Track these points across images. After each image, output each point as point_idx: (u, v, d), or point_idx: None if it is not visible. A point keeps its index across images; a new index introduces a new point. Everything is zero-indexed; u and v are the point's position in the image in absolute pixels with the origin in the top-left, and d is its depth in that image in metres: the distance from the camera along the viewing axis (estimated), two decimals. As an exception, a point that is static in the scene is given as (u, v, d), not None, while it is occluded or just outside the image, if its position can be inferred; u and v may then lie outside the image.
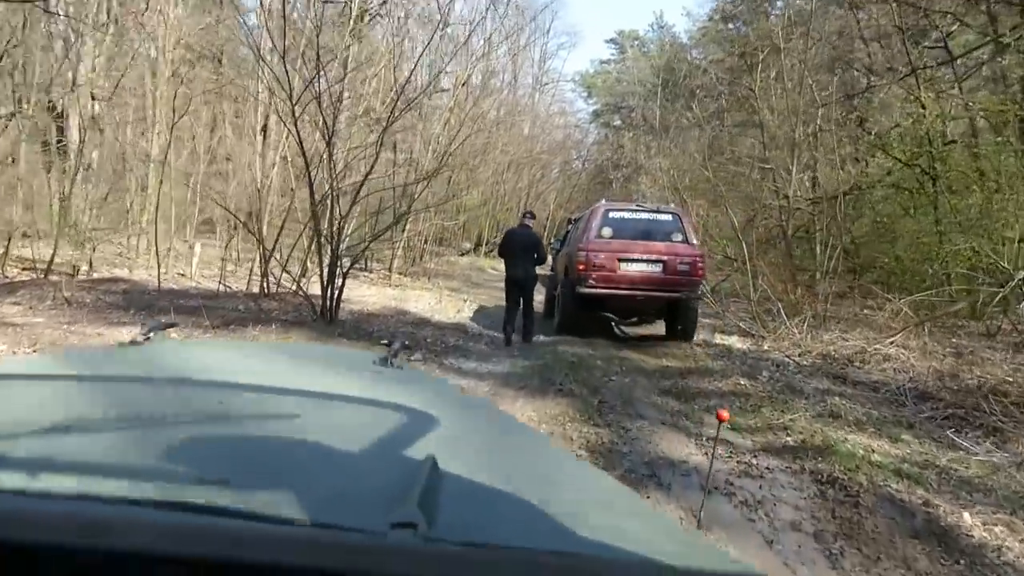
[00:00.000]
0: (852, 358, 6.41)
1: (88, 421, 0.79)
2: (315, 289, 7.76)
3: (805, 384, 5.48)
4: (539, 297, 8.55)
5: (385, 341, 1.48)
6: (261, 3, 10.59)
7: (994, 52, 8.90)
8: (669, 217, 7.65)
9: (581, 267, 7.21)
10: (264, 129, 13.37)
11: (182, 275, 11.35)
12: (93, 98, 13.07)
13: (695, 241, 7.54)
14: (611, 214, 7.62)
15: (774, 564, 2.42)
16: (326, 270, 7.46)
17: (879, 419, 4.49)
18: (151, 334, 1.32)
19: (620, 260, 7.19)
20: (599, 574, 0.54)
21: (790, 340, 7.14)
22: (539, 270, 7.31)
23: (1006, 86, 9.19)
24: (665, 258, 7.23)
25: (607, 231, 7.44)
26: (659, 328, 8.15)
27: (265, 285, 9.31)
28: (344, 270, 7.68)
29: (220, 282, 9.79)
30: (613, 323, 8.25)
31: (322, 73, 7.14)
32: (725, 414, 2.15)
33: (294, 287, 8.19)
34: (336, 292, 7.56)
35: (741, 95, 16.92)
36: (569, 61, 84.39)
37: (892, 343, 6.60)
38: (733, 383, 5.44)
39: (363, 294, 10.93)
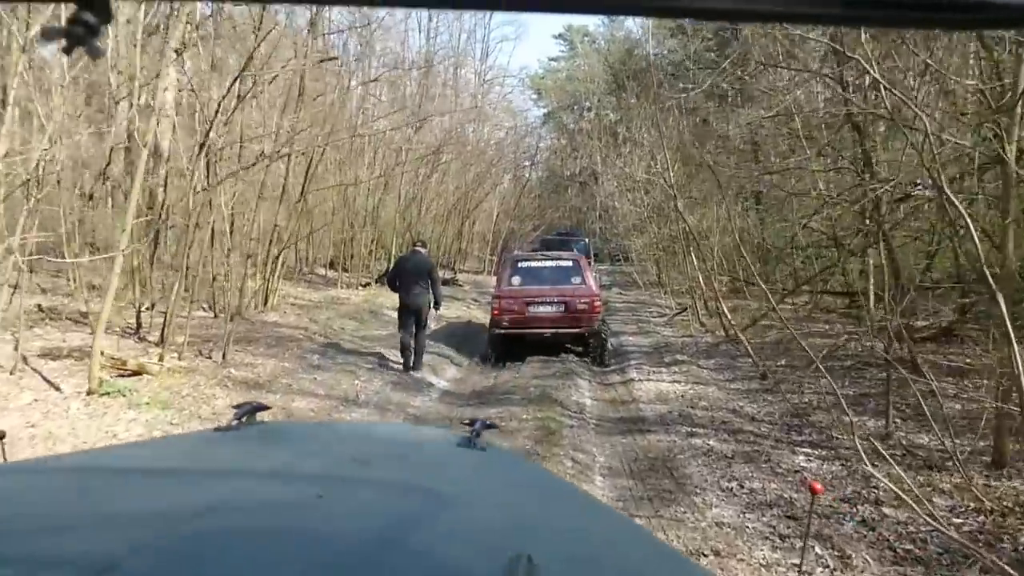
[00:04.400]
0: None
1: (170, 519, 0.73)
2: None
3: None
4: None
5: (467, 420, 1.33)
6: None
7: None
8: (570, 263, 9.17)
9: (496, 312, 8.66)
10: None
11: None
12: None
13: (592, 283, 8.94)
14: (520, 264, 9.32)
15: None
16: None
17: None
18: (243, 418, 1.22)
19: (528, 304, 8.57)
20: None
21: None
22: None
23: None
24: (567, 299, 8.56)
25: (516, 280, 8.93)
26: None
27: None
28: None
29: None
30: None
31: None
32: (819, 486, 1.85)
33: None
34: None
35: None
36: (515, 57, 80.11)
37: None
38: None
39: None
